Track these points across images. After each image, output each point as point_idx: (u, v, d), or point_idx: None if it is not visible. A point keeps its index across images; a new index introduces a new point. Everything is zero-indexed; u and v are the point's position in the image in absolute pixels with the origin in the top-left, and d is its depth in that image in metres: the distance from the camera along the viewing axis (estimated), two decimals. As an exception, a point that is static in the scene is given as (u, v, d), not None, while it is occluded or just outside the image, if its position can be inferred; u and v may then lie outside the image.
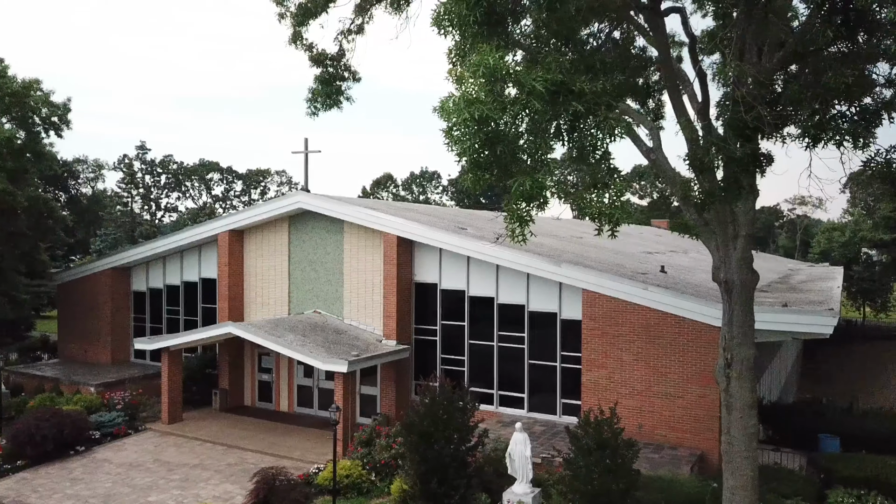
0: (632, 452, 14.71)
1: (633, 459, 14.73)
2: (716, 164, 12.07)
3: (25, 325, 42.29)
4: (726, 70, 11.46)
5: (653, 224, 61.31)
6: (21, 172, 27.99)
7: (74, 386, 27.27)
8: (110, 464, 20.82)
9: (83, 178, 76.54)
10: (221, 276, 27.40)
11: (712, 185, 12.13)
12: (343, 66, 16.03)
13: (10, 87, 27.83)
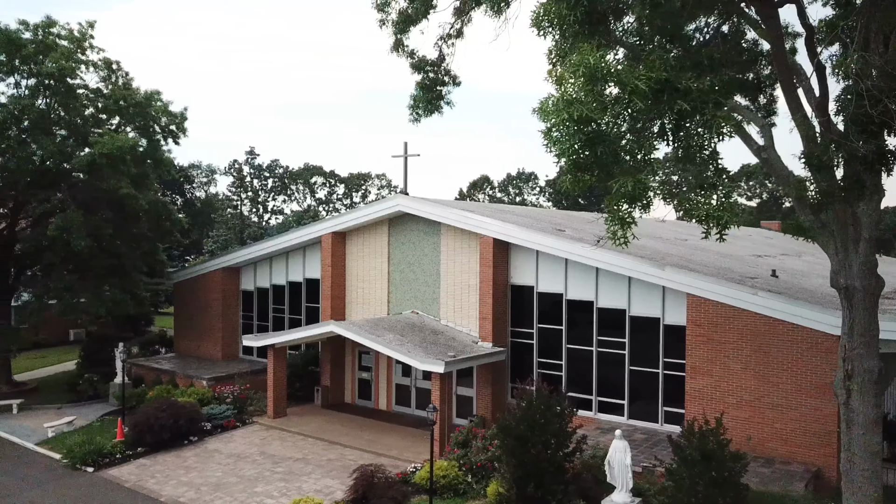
0: (739, 465, 14.04)
1: (741, 473, 14.06)
2: (835, 163, 11.32)
3: (146, 320, 45.19)
4: (848, 62, 10.72)
5: (762, 226, 58.36)
6: (143, 178, 29.86)
7: (188, 379, 28.87)
8: (220, 454, 21.89)
9: (197, 183, 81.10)
10: (324, 277, 28.28)
11: (831, 184, 11.38)
12: (443, 70, 16.17)
13: (134, 99, 29.81)
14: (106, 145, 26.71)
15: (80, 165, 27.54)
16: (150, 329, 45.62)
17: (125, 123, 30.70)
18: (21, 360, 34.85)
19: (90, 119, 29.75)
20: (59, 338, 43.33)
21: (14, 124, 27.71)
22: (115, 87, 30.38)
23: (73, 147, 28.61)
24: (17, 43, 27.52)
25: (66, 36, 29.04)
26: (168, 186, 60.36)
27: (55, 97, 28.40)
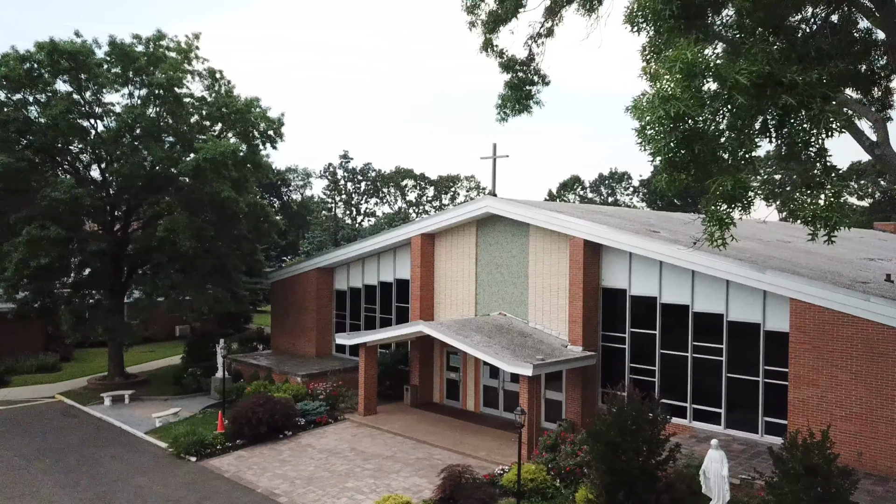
0: (849, 482, 13.19)
1: (851, 490, 13.21)
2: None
3: (245, 318, 47.19)
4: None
5: (876, 227, 54.71)
6: (243, 181, 31.19)
7: (284, 375, 29.89)
8: (313, 449, 22.54)
9: (294, 186, 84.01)
10: (414, 278, 28.65)
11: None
12: (532, 70, 16.06)
13: (235, 106, 31.20)
14: (209, 151, 28.06)
15: (185, 170, 29.06)
16: (249, 326, 47.57)
17: (227, 129, 32.15)
18: (132, 353, 37.10)
19: (195, 126, 31.35)
20: (167, 333, 45.89)
21: (128, 132, 29.57)
22: (218, 94, 31.89)
23: (180, 153, 30.21)
24: (131, 56, 29.37)
25: (174, 48, 30.72)
26: (266, 190, 62.80)
27: (164, 106, 30.09)
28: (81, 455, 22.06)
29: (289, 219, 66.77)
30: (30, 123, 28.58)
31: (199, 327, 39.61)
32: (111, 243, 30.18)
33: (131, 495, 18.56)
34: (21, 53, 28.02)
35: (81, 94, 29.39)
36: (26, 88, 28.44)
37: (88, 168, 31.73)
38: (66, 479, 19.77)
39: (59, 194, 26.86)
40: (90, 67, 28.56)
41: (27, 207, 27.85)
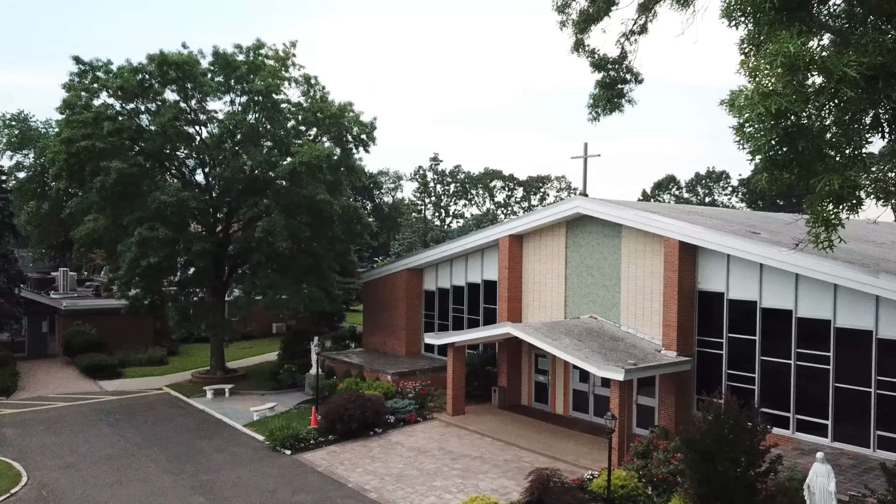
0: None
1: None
2: None
3: (338, 316, 48.47)
4: None
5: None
6: (337, 184, 32.07)
7: (374, 373, 30.50)
8: (402, 447, 22.89)
9: (385, 189, 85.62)
10: (501, 279, 28.61)
11: None
12: (625, 68, 15.71)
13: (329, 111, 32.14)
14: (305, 155, 29.03)
15: (282, 174, 30.18)
16: (341, 325, 48.83)
17: (321, 134, 33.15)
18: (233, 349, 38.87)
19: (292, 131, 32.48)
20: (264, 330, 47.81)
21: (229, 138, 31.01)
22: (313, 100, 32.93)
23: (277, 157, 31.38)
24: (232, 65, 30.78)
25: (273, 56, 31.96)
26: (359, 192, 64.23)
27: (263, 112, 31.35)
28: (186, 444, 23.28)
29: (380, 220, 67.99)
30: (141, 131, 30.46)
31: (294, 325, 41.01)
32: (214, 244, 31.69)
33: (231, 485, 19.42)
34: (134, 66, 29.92)
35: (187, 102, 31.05)
36: (138, 98, 30.32)
37: (193, 172, 33.49)
38: (172, 467, 20.92)
39: (167, 197, 28.48)
40: (196, 77, 30.14)
41: (139, 210, 29.67)
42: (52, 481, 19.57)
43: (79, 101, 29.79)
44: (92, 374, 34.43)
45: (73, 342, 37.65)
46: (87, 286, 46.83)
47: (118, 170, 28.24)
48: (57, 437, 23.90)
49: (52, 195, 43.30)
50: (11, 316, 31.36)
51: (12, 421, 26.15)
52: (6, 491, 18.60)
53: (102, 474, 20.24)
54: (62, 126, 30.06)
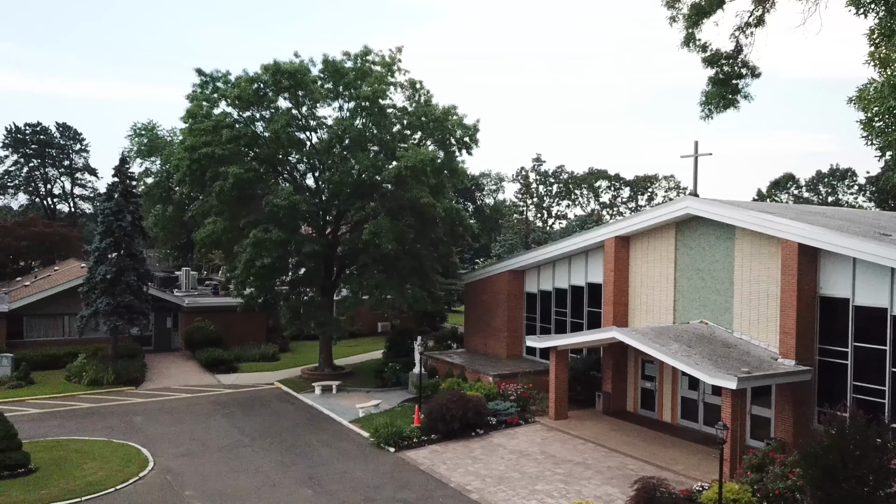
0: None
1: None
2: None
3: (440, 317, 49.06)
4: None
5: None
6: (440, 187, 32.47)
7: (476, 374, 30.61)
8: (504, 449, 22.83)
9: (487, 190, 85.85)
10: (606, 282, 28.00)
11: None
12: (740, 62, 14.98)
13: (433, 114, 32.57)
14: (410, 158, 29.58)
15: (388, 177, 30.87)
16: (444, 325, 49.37)
17: (426, 137, 33.64)
18: (340, 347, 40.09)
19: (397, 135, 33.17)
20: (370, 329, 49.07)
21: (338, 143, 32.05)
22: (418, 104, 33.48)
23: (383, 161, 32.12)
24: (341, 72, 31.80)
25: (379, 62, 32.75)
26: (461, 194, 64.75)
27: (370, 117, 32.19)
28: (295, 438, 24.23)
29: (482, 222, 68.32)
30: (256, 137, 32.00)
31: (398, 324, 41.87)
32: (323, 245, 32.82)
33: (337, 478, 20.04)
34: (250, 75, 31.48)
35: (299, 109, 32.34)
36: (254, 106, 31.89)
37: (304, 176, 34.83)
38: (282, 459, 21.84)
39: (279, 201, 29.77)
40: (307, 84, 31.35)
41: (254, 213, 31.18)
42: (174, 467, 20.88)
43: (200, 110, 31.68)
44: (210, 367, 36.51)
45: (193, 337, 40.08)
46: (206, 285, 49.71)
47: (235, 175, 29.76)
48: (179, 427, 25.48)
49: (176, 199, 46.29)
50: (141, 312, 33.74)
51: (141, 410, 28.13)
52: (135, 474, 20.03)
53: (219, 463, 21.40)
54: (185, 134, 32.08)
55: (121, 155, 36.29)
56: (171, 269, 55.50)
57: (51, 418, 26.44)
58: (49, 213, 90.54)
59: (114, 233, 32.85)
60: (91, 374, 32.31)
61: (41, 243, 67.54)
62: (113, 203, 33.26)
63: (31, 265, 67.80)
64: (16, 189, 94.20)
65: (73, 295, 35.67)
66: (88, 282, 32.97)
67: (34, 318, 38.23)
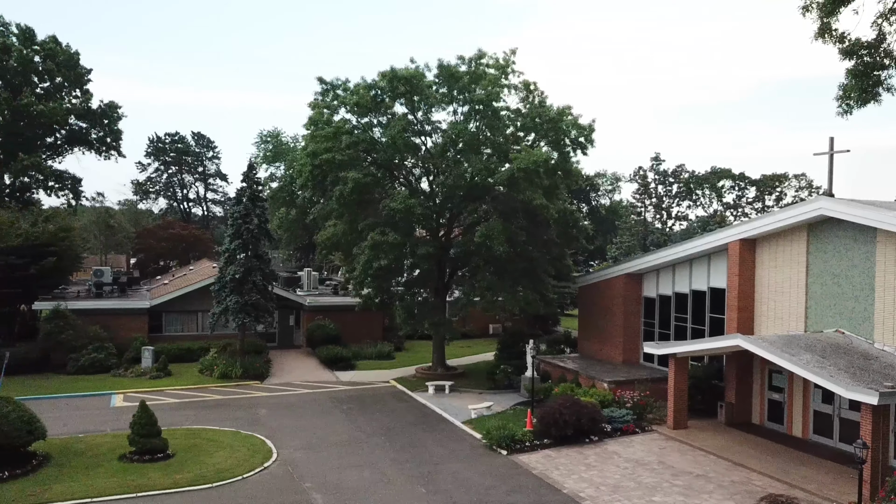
0: None
1: None
2: None
3: (553, 320, 48.47)
4: None
5: None
6: (553, 188, 32.09)
7: (590, 380, 29.99)
8: (619, 457, 22.22)
9: (602, 191, 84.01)
10: (730, 287, 26.65)
11: None
12: (882, 52, 13.84)
13: (547, 115, 32.24)
14: (523, 160, 29.44)
15: (501, 180, 30.87)
16: (556, 329, 48.74)
17: (539, 139, 33.37)
18: (452, 347, 40.51)
19: (510, 137, 33.10)
20: (482, 331, 49.26)
21: (452, 147, 32.40)
22: (532, 105, 33.25)
23: (496, 163, 32.15)
24: (455, 76, 32.12)
25: (493, 64, 32.80)
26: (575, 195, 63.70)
27: (483, 120, 32.32)
28: (409, 436, 24.69)
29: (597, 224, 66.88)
30: (374, 143, 32.92)
31: (510, 327, 41.75)
32: (436, 247, 33.28)
33: (450, 478, 20.22)
34: (368, 82, 32.43)
35: (414, 114, 32.97)
36: (372, 112, 32.82)
37: (419, 180, 35.48)
38: (396, 456, 22.30)
39: (396, 204, 30.48)
40: (422, 90, 31.91)
41: (371, 216, 32.09)
42: (295, 459, 21.82)
43: (321, 117, 32.99)
44: (329, 364, 37.91)
45: (314, 335, 41.80)
46: (326, 285, 51.69)
47: (354, 180, 30.75)
48: (300, 421, 26.61)
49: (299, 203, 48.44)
50: (266, 310, 35.56)
51: (265, 403, 29.62)
52: (260, 464, 21.10)
53: (336, 457, 22.15)
54: (307, 140, 33.50)
55: (248, 161, 38.46)
56: (294, 270, 58.16)
57: (185, 408, 28.35)
58: (185, 217, 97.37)
59: (242, 235, 34.82)
60: (221, 367, 34.42)
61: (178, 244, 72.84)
62: (241, 207, 35.26)
63: (169, 265, 73.18)
64: (157, 194, 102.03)
65: (206, 293, 38.12)
66: (219, 281, 35.14)
67: (172, 314, 41.20)
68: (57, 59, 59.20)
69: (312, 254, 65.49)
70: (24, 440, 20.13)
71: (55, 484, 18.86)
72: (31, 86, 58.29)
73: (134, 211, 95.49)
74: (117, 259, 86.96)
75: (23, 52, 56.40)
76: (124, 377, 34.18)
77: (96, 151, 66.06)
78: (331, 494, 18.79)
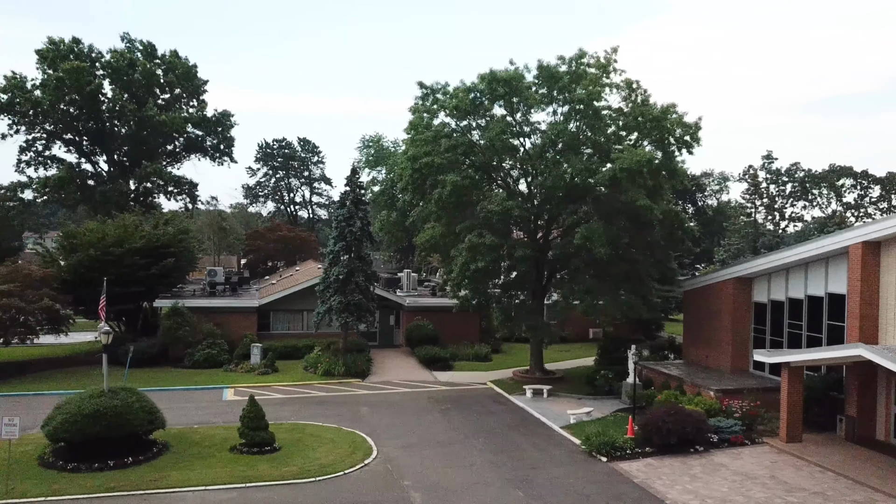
0: None
1: None
2: None
3: (656, 325, 47.03)
4: None
5: None
6: (657, 189, 31.11)
7: (695, 388, 28.84)
8: (726, 469, 21.23)
9: (709, 191, 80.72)
10: (851, 293, 24.92)
11: None
12: None
13: (651, 114, 31.30)
14: (625, 160, 28.74)
15: (602, 180, 30.25)
16: (659, 334, 47.27)
17: (642, 138, 32.47)
18: (550, 351, 40.04)
19: (612, 136, 32.38)
20: (580, 335, 48.43)
21: (551, 147, 32.08)
22: (635, 104, 32.40)
23: (597, 164, 31.55)
24: (555, 76, 31.78)
25: (594, 64, 32.22)
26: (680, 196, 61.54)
27: (583, 120, 31.80)
28: (506, 439, 24.58)
29: (703, 225, 64.34)
30: (472, 145, 33.06)
31: (611, 331, 40.81)
32: (534, 250, 33.02)
33: (548, 483, 19.97)
34: (467, 86, 32.62)
35: (513, 115, 32.86)
36: (470, 115, 32.98)
37: (517, 182, 35.34)
38: (494, 459, 22.25)
39: (493, 206, 30.49)
40: (521, 91, 31.78)
41: (469, 218, 32.23)
42: (394, 457, 22.19)
43: (421, 122, 33.47)
44: (428, 364, 38.38)
45: (413, 335, 42.46)
46: (425, 286, 52.39)
47: (453, 182, 30.99)
48: (399, 419, 27.05)
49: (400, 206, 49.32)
50: (367, 310, 36.46)
51: (366, 401, 30.32)
52: (361, 461, 21.60)
53: (435, 457, 22.35)
54: (408, 144, 34.07)
55: (351, 166, 39.57)
56: (394, 271, 59.28)
57: (290, 403, 29.45)
58: (291, 219, 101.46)
59: (345, 237, 35.85)
60: (324, 365, 35.54)
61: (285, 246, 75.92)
62: (345, 210, 36.31)
63: (277, 265, 76.34)
64: (265, 198, 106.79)
65: (311, 293, 39.50)
66: (323, 281, 36.33)
67: (279, 313, 42.96)
68: (176, 72, 63.14)
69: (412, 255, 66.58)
70: (146, 429, 21.54)
71: (172, 471, 20.04)
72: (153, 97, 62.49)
73: (244, 214, 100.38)
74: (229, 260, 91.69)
75: (146, 65, 60.51)
76: (235, 372, 35.93)
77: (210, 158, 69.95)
78: (429, 493, 18.98)
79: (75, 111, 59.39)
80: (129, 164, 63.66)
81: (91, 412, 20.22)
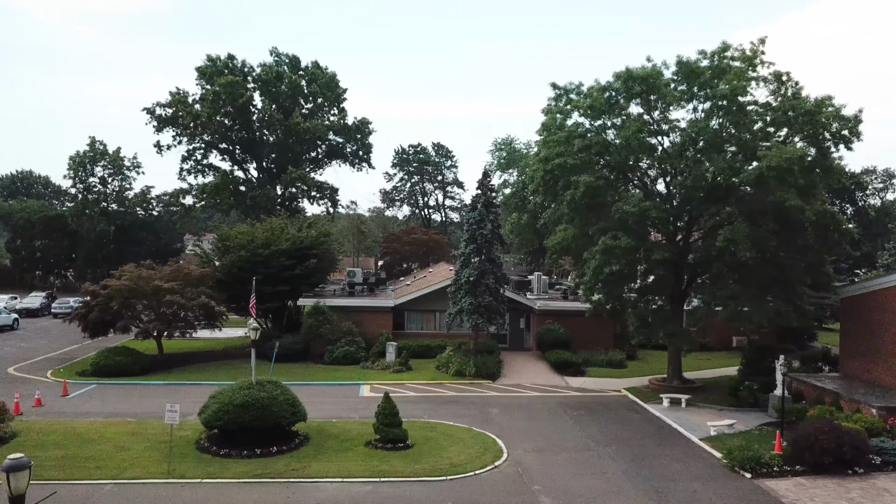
0: None
1: None
2: None
3: (808, 334, 43.70)
4: None
5: None
6: (810, 188, 28.84)
7: (854, 404, 26.46)
8: (890, 495, 19.29)
9: (871, 189, 74.01)
10: None
11: None
12: None
13: (803, 108, 29.09)
14: (773, 158, 26.93)
15: (747, 179, 28.49)
16: (812, 344, 43.94)
17: (793, 134, 30.31)
18: (689, 359, 38.25)
19: (758, 133, 30.44)
20: (723, 343, 45.86)
21: (691, 146, 30.65)
22: (784, 98, 30.28)
23: (742, 162, 29.78)
24: (696, 72, 30.37)
25: (739, 57, 30.45)
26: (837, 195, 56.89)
27: (727, 116, 30.12)
28: (641, 448, 23.73)
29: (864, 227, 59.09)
30: (607, 145, 32.25)
31: (756, 340, 38.40)
32: (673, 252, 31.67)
33: (685, 498, 19.04)
34: (602, 85, 31.90)
35: (650, 114, 31.73)
36: (605, 115, 32.21)
37: (655, 182, 34.08)
38: (628, 468, 21.54)
39: (629, 207, 29.55)
40: (659, 88, 30.62)
41: (603, 220, 31.47)
42: (524, 461, 22.04)
43: (554, 122, 33.11)
44: (559, 369, 37.85)
45: (544, 339, 42.04)
46: (556, 289, 51.74)
47: (586, 183, 30.38)
48: (529, 423, 26.85)
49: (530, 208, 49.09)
50: (498, 312, 36.56)
51: (496, 402, 30.38)
52: (491, 462, 21.66)
53: (565, 463, 21.97)
54: (540, 146, 33.81)
55: (483, 169, 39.82)
56: (525, 273, 59.01)
57: (423, 402, 30.08)
58: (425, 222, 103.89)
59: (476, 240, 36.16)
60: (456, 365, 36.00)
61: (419, 248, 77.89)
62: (476, 213, 36.64)
63: (412, 267, 78.44)
64: (401, 202, 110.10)
65: (443, 294, 40.17)
66: (455, 283, 36.84)
67: (413, 313, 44.03)
68: (319, 82, 66.52)
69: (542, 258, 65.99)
70: (289, 420, 22.79)
71: (312, 462, 21.06)
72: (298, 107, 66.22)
73: (381, 217, 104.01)
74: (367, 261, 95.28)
75: (292, 77, 64.21)
76: (371, 369, 37.22)
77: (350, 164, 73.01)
78: (559, 499, 18.68)
79: (229, 122, 64.17)
80: (276, 171, 67.87)
81: (241, 403, 21.69)
